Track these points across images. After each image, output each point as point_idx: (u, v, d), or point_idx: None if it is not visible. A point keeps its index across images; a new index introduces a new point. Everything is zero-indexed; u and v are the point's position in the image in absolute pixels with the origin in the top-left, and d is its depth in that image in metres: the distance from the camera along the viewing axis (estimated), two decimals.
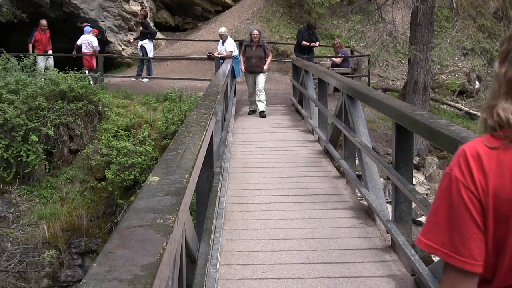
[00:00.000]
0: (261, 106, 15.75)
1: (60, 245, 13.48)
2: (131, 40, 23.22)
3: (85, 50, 20.80)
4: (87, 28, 21.14)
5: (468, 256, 1.80)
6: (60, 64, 16.90)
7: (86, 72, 19.56)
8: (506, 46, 1.86)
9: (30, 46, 21.06)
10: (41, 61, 20.58)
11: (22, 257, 12.10)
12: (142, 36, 21.58)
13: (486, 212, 1.79)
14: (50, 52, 21.65)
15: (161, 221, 2.50)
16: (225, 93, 11.72)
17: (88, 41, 20.88)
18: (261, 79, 15.79)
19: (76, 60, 20.55)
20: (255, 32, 15.49)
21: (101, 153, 14.22)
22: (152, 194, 2.93)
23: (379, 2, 17.64)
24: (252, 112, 16.11)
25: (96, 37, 21.22)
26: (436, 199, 1.92)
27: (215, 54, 17.98)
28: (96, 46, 20.92)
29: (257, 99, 15.72)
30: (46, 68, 20.13)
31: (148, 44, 21.38)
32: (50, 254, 12.36)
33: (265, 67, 15.83)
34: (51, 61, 21.05)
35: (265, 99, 15.91)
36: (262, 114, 15.65)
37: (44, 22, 21.38)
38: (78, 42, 20.89)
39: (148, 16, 23.33)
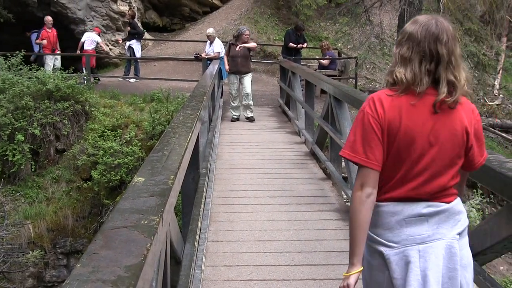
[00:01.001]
0: (248, 112, 15.42)
1: (45, 245, 13.43)
2: (120, 41, 23.21)
3: (87, 47, 20.79)
4: (33, 36, 21.38)
5: (373, 159, 2.94)
6: None
7: (84, 70, 19.59)
8: (400, 38, 3.07)
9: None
10: (49, 61, 20.32)
11: (6, 257, 12.05)
12: (129, 37, 21.56)
13: (383, 131, 2.94)
14: (58, 51, 21.41)
15: (146, 222, 2.49)
16: (212, 94, 11.72)
17: (92, 38, 20.92)
18: (247, 82, 15.28)
19: (67, 59, 20.52)
20: (247, 32, 15.10)
21: (87, 153, 14.19)
22: (137, 195, 2.92)
23: (366, 4, 17.71)
24: (235, 119, 15.45)
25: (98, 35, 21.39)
26: (353, 127, 3.06)
27: (203, 55, 17.92)
28: (100, 44, 21.06)
29: (243, 103, 15.41)
30: (53, 69, 20.02)
31: (135, 45, 21.35)
32: (34, 255, 12.33)
33: (248, 44, 15.22)
34: (58, 62, 20.65)
35: (252, 104, 15.54)
36: (251, 119, 15.33)
37: (49, 18, 21.00)
38: (83, 39, 20.84)
39: (136, 16, 23.29)
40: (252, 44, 15.30)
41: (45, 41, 20.37)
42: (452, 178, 3.03)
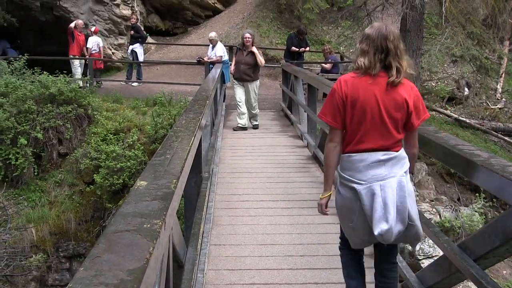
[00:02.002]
0: (253, 120, 15.12)
1: (48, 248, 13.43)
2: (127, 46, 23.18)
3: (93, 52, 20.78)
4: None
5: (337, 122, 4.32)
6: (50, 69, 16.80)
7: (92, 74, 19.62)
8: (362, 38, 4.36)
9: (75, 47, 20.42)
10: (79, 67, 20.27)
11: (9, 261, 12.05)
12: (132, 40, 21.57)
13: (346, 105, 4.26)
14: (86, 56, 21.24)
15: (148, 225, 2.50)
16: (214, 98, 11.71)
17: (97, 42, 20.92)
18: (251, 91, 14.77)
19: (62, 64, 20.49)
20: (247, 35, 14.52)
21: (90, 156, 14.19)
22: (139, 198, 2.93)
23: (369, 8, 17.71)
24: (238, 129, 14.67)
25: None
26: (327, 99, 4.44)
27: (205, 59, 17.89)
28: (102, 46, 21.05)
29: (249, 114, 15.00)
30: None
31: (138, 48, 21.38)
32: (37, 258, 12.34)
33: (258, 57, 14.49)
34: (82, 67, 20.64)
35: (257, 113, 15.19)
36: (255, 127, 15.05)
37: (80, 22, 20.90)
38: (89, 45, 20.76)
39: (139, 20, 23.31)
40: (260, 59, 14.56)
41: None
42: (398, 134, 4.33)
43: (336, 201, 4.61)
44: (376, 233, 4.12)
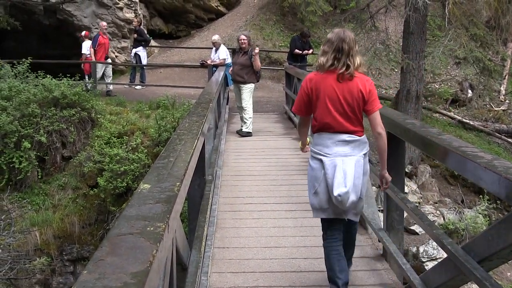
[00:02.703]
0: (243, 125, 14.39)
1: (52, 252, 13.45)
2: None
3: (89, 56, 20.82)
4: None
5: (303, 112, 5.42)
6: (53, 72, 16.84)
7: (86, 78, 19.63)
8: (324, 41, 5.24)
9: (93, 51, 20.27)
10: (100, 70, 20.21)
11: (13, 264, 12.06)
12: (136, 44, 21.58)
13: (311, 97, 5.22)
14: (109, 59, 21.30)
15: (152, 228, 2.50)
16: (217, 100, 11.73)
17: (85, 45, 20.96)
18: (242, 93, 14.28)
19: (72, 67, 20.54)
20: (242, 37, 14.28)
21: (93, 160, 14.21)
22: (143, 201, 2.93)
23: (372, 10, 17.68)
24: (243, 134, 14.28)
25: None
26: (298, 95, 5.44)
27: (208, 61, 17.87)
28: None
29: (240, 114, 14.62)
30: (103, 77, 19.99)
31: (142, 52, 21.40)
32: (41, 261, 12.34)
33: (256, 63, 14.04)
34: (110, 70, 20.61)
35: (249, 118, 14.31)
36: (241, 133, 14.32)
37: (104, 24, 20.83)
38: (85, 51, 20.78)
39: (142, 23, 23.34)
40: (256, 61, 14.13)
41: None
42: (357, 119, 5.21)
43: (308, 174, 5.42)
44: (335, 194, 4.98)
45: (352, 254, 5.87)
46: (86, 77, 20.24)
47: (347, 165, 5.07)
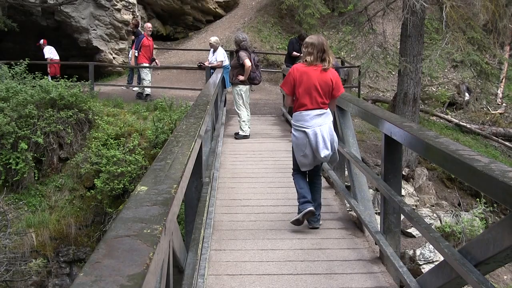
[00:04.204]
0: (238, 128, 14.52)
1: (48, 253, 13.43)
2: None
3: (55, 58, 21.20)
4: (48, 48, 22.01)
5: (289, 91, 7.42)
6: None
7: (50, 78, 19.68)
8: (306, 45, 7.27)
9: (136, 52, 19.96)
10: (148, 73, 20.01)
11: (9, 266, 12.06)
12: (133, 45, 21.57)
13: (295, 83, 7.28)
14: (157, 61, 21.19)
15: (148, 231, 2.50)
16: (215, 103, 11.72)
17: (53, 49, 21.36)
18: (234, 94, 14.38)
19: (69, 68, 20.60)
20: (236, 39, 14.29)
21: (90, 161, 14.19)
22: (139, 203, 2.92)
23: (369, 13, 17.72)
24: (240, 137, 14.26)
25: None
26: (285, 78, 7.57)
27: (206, 63, 17.85)
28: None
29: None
30: (142, 80, 19.95)
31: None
32: (37, 263, 12.34)
33: (241, 77, 13.93)
34: (149, 74, 20.30)
35: (242, 121, 14.28)
36: (236, 136, 14.30)
37: (149, 25, 20.52)
38: (48, 55, 21.70)
39: (140, 25, 23.34)
40: (245, 64, 13.91)
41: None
42: (327, 100, 7.33)
43: (292, 142, 7.55)
44: (322, 155, 7.19)
45: (320, 202, 7.80)
46: (50, 78, 20.40)
47: (323, 132, 7.23)
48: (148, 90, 19.73)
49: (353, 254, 6.56)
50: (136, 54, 19.90)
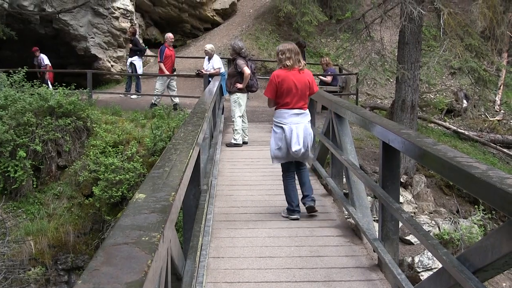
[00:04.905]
0: (233, 136, 14.40)
1: (47, 261, 13.41)
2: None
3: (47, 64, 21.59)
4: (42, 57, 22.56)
5: (272, 95, 8.19)
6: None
7: (50, 85, 19.85)
8: (283, 51, 8.17)
9: (162, 65, 19.72)
10: (164, 83, 19.73)
11: (7, 274, 12.03)
12: (131, 53, 21.61)
13: (278, 87, 8.10)
14: (176, 72, 21.03)
15: (147, 238, 2.50)
16: (213, 110, 11.72)
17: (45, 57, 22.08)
18: (231, 102, 14.39)
19: (67, 76, 20.66)
20: (232, 47, 14.20)
21: (89, 169, 14.19)
22: (138, 211, 2.92)
23: (367, 20, 17.74)
24: (233, 145, 14.20)
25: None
26: (268, 84, 8.27)
27: (203, 71, 17.81)
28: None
29: None
30: (169, 89, 19.82)
31: (137, 61, 21.40)
32: (35, 271, 12.33)
33: (239, 85, 13.85)
34: (174, 82, 20.11)
35: (235, 129, 14.23)
36: (228, 144, 14.24)
37: (171, 35, 20.41)
38: (47, 62, 22.19)
39: (138, 33, 23.36)
40: (244, 72, 13.87)
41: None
42: (306, 99, 8.23)
43: (272, 136, 8.34)
44: (293, 150, 8.00)
45: (312, 193, 8.54)
46: (50, 84, 20.59)
47: (298, 130, 8.04)
48: (176, 100, 19.59)
49: (352, 262, 6.55)
50: (162, 66, 19.76)
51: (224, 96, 17.01)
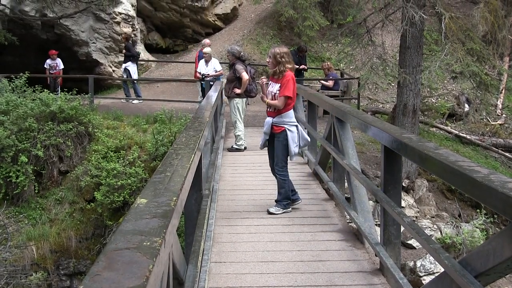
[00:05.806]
0: (234, 141, 14.43)
1: (49, 266, 13.42)
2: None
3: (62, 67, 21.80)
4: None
5: (294, 95, 8.74)
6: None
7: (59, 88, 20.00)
8: (282, 55, 8.55)
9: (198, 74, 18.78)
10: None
11: (9, 279, 12.03)
12: (125, 59, 21.64)
13: (295, 88, 8.76)
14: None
15: (148, 243, 2.50)
16: (214, 115, 11.73)
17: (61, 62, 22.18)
18: (230, 107, 14.41)
19: (69, 81, 20.75)
20: (232, 51, 14.27)
21: (90, 174, 14.20)
22: (139, 216, 2.92)
23: (368, 25, 17.74)
24: (234, 149, 14.26)
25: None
26: (287, 86, 8.53)
27: (198, 74, 17.74)
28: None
29: None
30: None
31: (131, 66, 21.42)
32: (37, 276, 12.31)
33: (237, 90, 13.90)
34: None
35: (238, 134, 14.28)
36: (230, 149, 14.27)
37: (208, 42, 19.99)
38: (62, 67, 22.54)
39: (139, 38, 23.39)
40: (243, 77, 13.91)
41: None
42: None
43: (289, 137, 8.65)
44: (303, 144, 8.90)
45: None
46: (59, 89, 20.66)
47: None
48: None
49: (353, 266, 6.54)
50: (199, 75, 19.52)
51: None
